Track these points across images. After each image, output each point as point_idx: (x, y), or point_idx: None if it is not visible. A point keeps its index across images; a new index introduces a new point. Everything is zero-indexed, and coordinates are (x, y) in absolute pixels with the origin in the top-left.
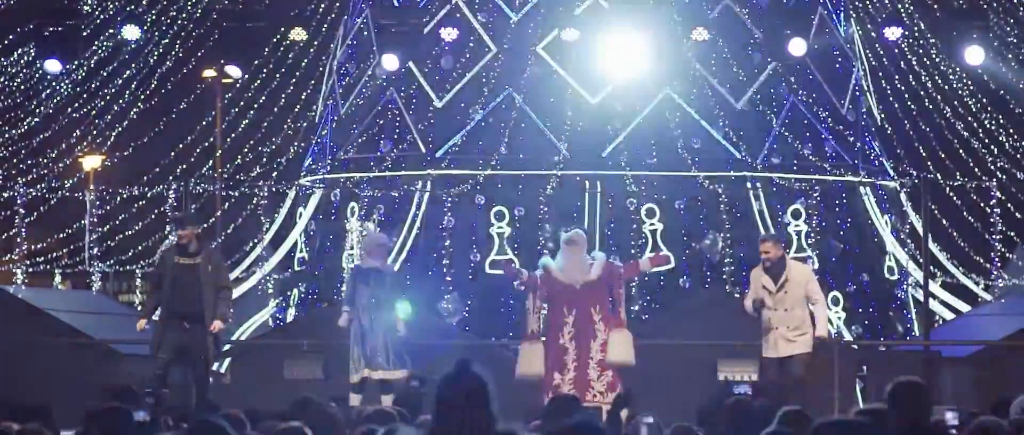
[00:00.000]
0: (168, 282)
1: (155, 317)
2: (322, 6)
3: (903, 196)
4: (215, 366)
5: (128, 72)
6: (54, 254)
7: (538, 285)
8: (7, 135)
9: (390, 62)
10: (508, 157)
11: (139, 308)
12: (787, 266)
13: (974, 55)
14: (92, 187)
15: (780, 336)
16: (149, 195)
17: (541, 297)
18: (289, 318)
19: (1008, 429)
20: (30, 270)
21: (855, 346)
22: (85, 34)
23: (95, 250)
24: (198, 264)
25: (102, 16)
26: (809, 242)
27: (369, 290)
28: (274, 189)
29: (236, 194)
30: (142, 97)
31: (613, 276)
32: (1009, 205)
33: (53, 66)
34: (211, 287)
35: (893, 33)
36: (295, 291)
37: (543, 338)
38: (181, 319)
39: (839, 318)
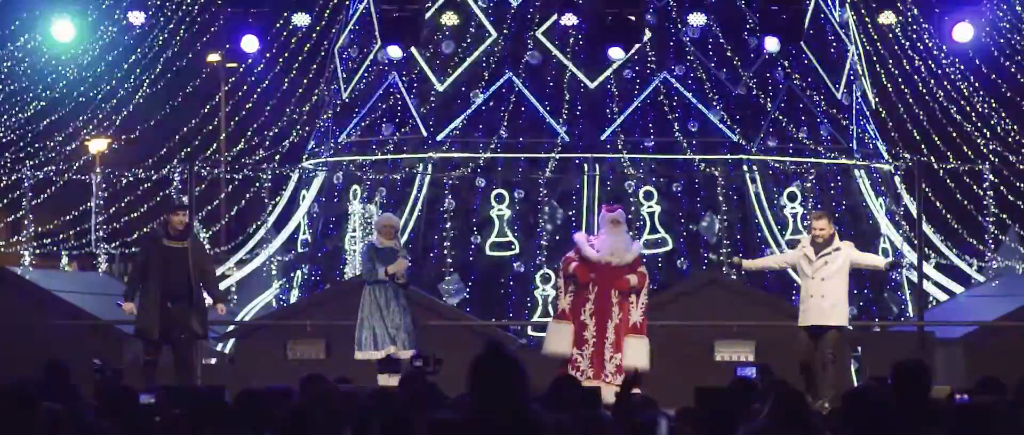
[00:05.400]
0: (156, 264)
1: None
2: None
3: (897, 179)
4: (220, 346)
5: (133, 57)
6: (61, 236)
7: (569, 263)
8: (14, 118)
9: (394, 52)
10: (508, 140)
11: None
12: (834, 242)
13: (962, 32)
14: (98, 170)
15: (815, 305)
16: (154, 178)
17: (571, 277)
18: (292, 299)
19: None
20: (37, 252)
21: (849, 327)
22: (91, 19)
23: (101, 232)
24: (186, 247)
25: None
26: (805, 224)
27: (384, 268)
28: (277, 172)
29: (240, 177)
30: (147, 81)
31: (640, 274)
32: (1002, 187)
33: (65, 31)
34: (197, 269)
35: (887, 17)
36: (298, 272)
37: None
38: (166, 300)
39: None
